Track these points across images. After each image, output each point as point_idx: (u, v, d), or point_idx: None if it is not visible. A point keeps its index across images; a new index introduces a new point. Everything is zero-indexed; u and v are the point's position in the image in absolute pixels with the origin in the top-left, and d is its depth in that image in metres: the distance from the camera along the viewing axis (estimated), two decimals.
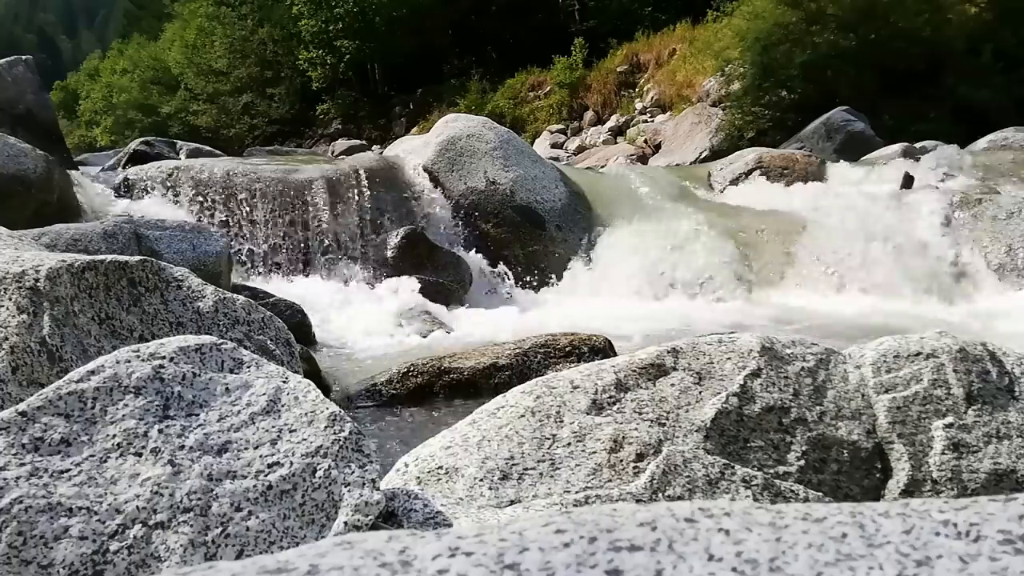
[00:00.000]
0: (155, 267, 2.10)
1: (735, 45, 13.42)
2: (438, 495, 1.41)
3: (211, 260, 4.39)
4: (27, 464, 1.13)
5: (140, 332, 1.98)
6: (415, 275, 5.63)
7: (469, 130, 7.08)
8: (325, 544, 0.55)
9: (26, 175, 5.20)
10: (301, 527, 1.16)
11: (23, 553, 1.06)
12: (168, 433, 1.20)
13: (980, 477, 1.47)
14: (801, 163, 7.58)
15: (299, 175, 6.37)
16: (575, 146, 17.64)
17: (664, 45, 18.79)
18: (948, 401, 1.53)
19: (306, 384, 1.33)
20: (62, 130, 8.43)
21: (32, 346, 1.77)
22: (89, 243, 3.88)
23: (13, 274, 1.87)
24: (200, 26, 29.51)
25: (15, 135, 5.67)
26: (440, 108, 21.07)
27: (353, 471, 1.22)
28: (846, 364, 1.61)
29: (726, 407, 1.50)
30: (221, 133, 27.25)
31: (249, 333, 2.17)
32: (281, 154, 10.31)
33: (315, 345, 4.34)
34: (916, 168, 7.31)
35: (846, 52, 11.96)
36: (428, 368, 3.29)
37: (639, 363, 1.60)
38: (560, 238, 6.62)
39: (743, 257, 6.14)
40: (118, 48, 41.36)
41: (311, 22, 24.21)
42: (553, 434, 1.48)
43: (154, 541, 1.10)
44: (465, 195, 6.66)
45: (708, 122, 13.70)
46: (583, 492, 1.39)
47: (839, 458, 1.49)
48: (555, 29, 21.69)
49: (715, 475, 1.42)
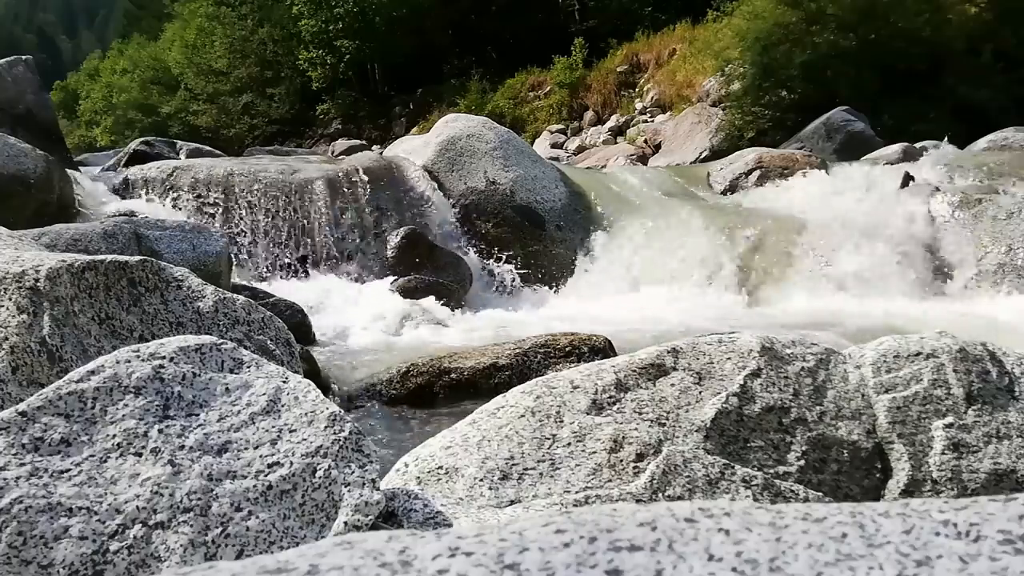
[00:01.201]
0: (155, 267, 2.10)
1: (735, 45, 13.41)
2: (438, 495, 1.41)
3: (211, 260, 4.39)
4: (27, 464, 1.13)
5: (140, 332, 1.98)
6: (415, 275, 5.63)
7: (469, 130, 7.08)
8: (325, 544, 0.55)
9: (26, 175, 5.20)
10: (301, 527, 1.16)
11: (23, 553, 1.06)
12: (168, 433, 1.20)
13: (980, 477, 1.47)
14: (801, 163, 7.58)
15: (299, 175, 6.37)
16: (575, 146, 17.63)
17: (664, 45, 18.79)
18: (948, 401, 1.53)
19: (306, 384, 1.33)
20: (62, 130, 8.44)
21: (32, 346, 1.77)
22: (89, 243, 3.88)
23: (13, 274, 1.87)
24: (200, 26, 29.51)
25: (15, 135, 5.67)
26: (440, 108, 21.07)
27: (353, 471, 1.22)
28: (846, 364, 1.61)
29: (726, 407, 1.50)
30: (221, 133, 27.25)
31: (249, 333, 2.17)
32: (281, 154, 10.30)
33: (315, 345, 4.34)
34: (916, 168, 7.30)
35: (846, 52, 11.95)
36: (428, 368, 3.28)
37: (639, 363, 1.60)
38: (560, 238, 6.62)
39: (743, 257, 6.14)
40: (118, 48, 41.35)
41: (311, 22, 24.21)
42: (553, 434, 1.48)
43: (154, 541, 1.10)
44: (465, 195, 6.66)
45: (708, 122, 13.70)
46: (583, 492, 1.39)
47: (839, 458, 1.49)
48: (555, 29, 21.69)
49: (715, 475, 1.42)
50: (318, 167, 6.73)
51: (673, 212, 6.85)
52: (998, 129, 8.82)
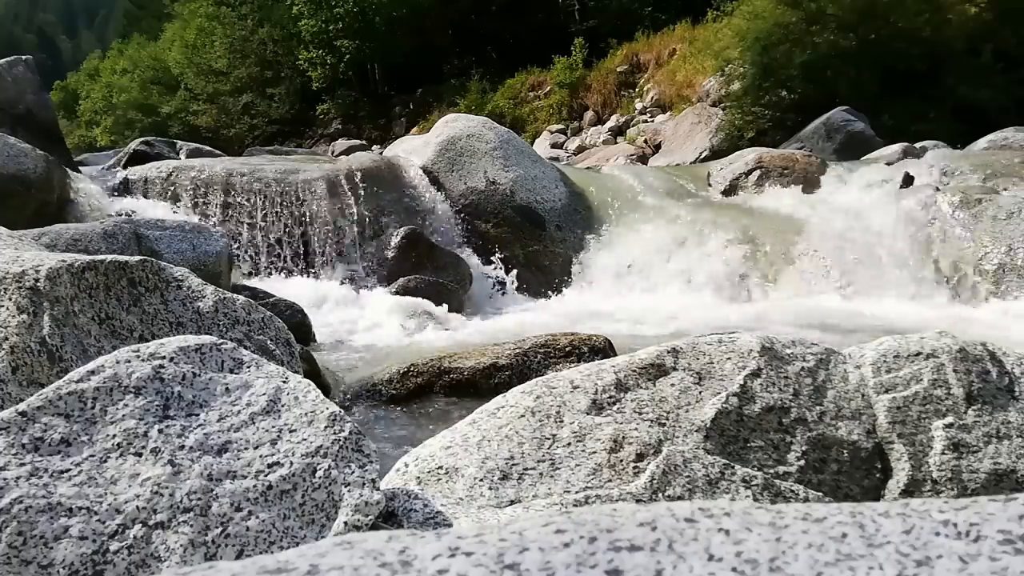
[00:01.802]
0: (155, 267, 2.09)
1: (735, 45, 13.42)
2: (438, 495, 1.41)
3: (211, 260, 4.39)
4: (27, 464, 1.13)
5: (140, 332, 1.98)
6: (415, 275, 5.63)
7: (469, 130, 7.08)
8: (325, 544, 0.55)
9: (26, 175, 5.20)
10: (301, 527, 1.16)
11: (23, 553, 1.06)
12: (168, 433, 1.20)
13: (980, 477, 1.47)
14: (801, 163, 7.58)
15: (299, 175, 6.37)
16: (575, 146, 17.64)
17: (664, 45, 18.80)
18: (948, 401, 1.53)
19: (306, 384, 1.33)
20: (62, 130, 8.43)
21: (32, 346, 1.77)
22: (89, 243, 3.88)
23: (13, 274, 1.87)
24: (200, 26, 29.52)
25: (15, 135, 5.67)
26: (440, 108, 21.08)
27: (353, 471, 1.22)
28: (846, 364, 1.61)
29: (726, 407, 1.50)
30: (221, 133, 27.26)
31: (249, 333, 2.17)
32: (281, 154, 10.30)
33: (315, 345, 4.34)
34: (916, 168, 7.30)
35: (846, 52, 11.96)
36: (428, 368, 3.28)
37: (639, 363, 1.60)
38: (560, 238, 6.62)
39: (743, 257, 6.15)
40: (118, 48, 41.36)
41: (311, 22, 24.21)
42: (553, 434, 1.48)
43: (154, 541, 1.10)
44: (465, 195, 6.66)
45: (708, 122, 13.71)
46: (583, 492, 1.39)
47: (839, 458, 1.49)
48: (555, 29, 21.69)
49: (715, 475, 1.42)
50: (318, 167, 6.73)
51: (673, 212, 6.85)
52: (998, 129, 8.82)
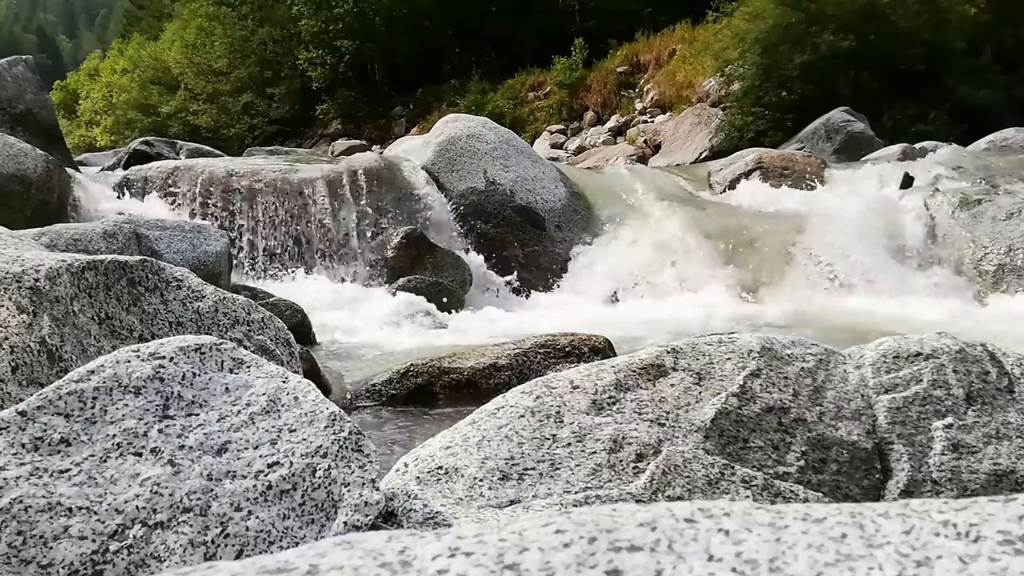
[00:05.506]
0: (155, 267, 2.09)
1: (735, 46, 13.42)
2: (438, 495, 1.41)
3: (211, 260, 4.39)
4: (27, 464, 1.13)
5: (140, 332, 1.98)
6: (415, 275, 5.63)
7: (469, 130, 7.08)
8: (325, 544, 0.56)
9: (26, 175, 5.20)
10: (301, 527, 1.16)
11: (23, 553, 1.06)
12: (168, 433, 1.20)
13: (980, 477, 1.47)
14: (801, 163, 7.58)
15: (299, 175, 6.37)
16: (575, 146, 17.65)
17: (664, 45, 18.80)
18: (948, 402, 1.53)
19: (306, 384, 1.33)
20: (62, 130, 8.44)
21: (32, 346, 1.77)
22: (89, 243, 3.88)
23: (13, 274, 1.86)
24: (200, 26, 29.50)
25: (15, 135, 5.68)
26: (440, 108, 21.07)
27: (353, 471, 1.22)
28: (846, 364, 1.61)
29: (726, 407, 1.50)
30: (221, 133, 27.25)
31: (249, 333, 2.17)
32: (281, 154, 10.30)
33: (315, 345, 4.34)
34: (916, 168, 7.30)
35: (846, 53, 11.96)
36: (428, 368, 3.28)
37: (639, 363, 1.60)
38: (560, 238, 6.62)
39: (743, 257, 6.15)
40: (118, 48, 41.32)
41: (311, 22, 24.21)
42: (553, 434, 1.48)
43: (154, 541, 1.10)
44: (465, 195, 6.66)
45: (708, 122, 13.71)
46: (583, 492, 1.39)
47: (839, 458, 1.49)
48: (555, 29, 21.69)
49: (715, 475, 1.42)
50: (318, 167, 6.73)
51: (673, 212, 6.85)
52: (998, 129, 8.83)
